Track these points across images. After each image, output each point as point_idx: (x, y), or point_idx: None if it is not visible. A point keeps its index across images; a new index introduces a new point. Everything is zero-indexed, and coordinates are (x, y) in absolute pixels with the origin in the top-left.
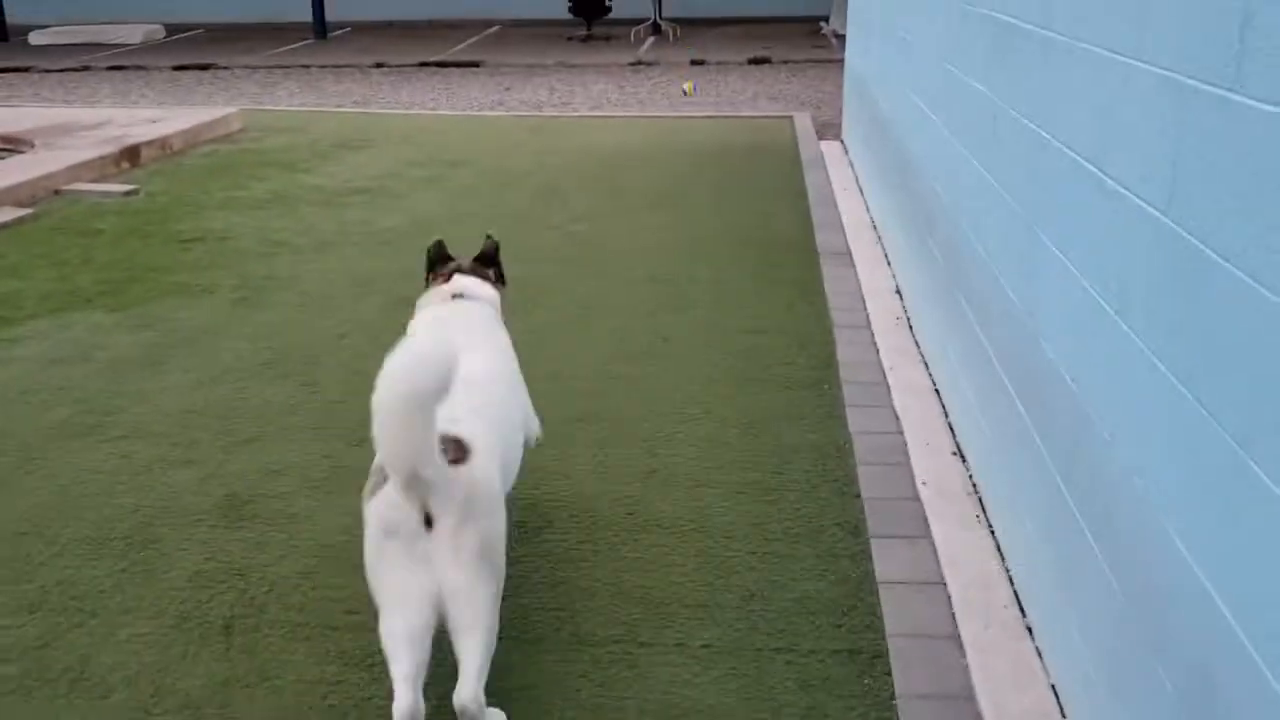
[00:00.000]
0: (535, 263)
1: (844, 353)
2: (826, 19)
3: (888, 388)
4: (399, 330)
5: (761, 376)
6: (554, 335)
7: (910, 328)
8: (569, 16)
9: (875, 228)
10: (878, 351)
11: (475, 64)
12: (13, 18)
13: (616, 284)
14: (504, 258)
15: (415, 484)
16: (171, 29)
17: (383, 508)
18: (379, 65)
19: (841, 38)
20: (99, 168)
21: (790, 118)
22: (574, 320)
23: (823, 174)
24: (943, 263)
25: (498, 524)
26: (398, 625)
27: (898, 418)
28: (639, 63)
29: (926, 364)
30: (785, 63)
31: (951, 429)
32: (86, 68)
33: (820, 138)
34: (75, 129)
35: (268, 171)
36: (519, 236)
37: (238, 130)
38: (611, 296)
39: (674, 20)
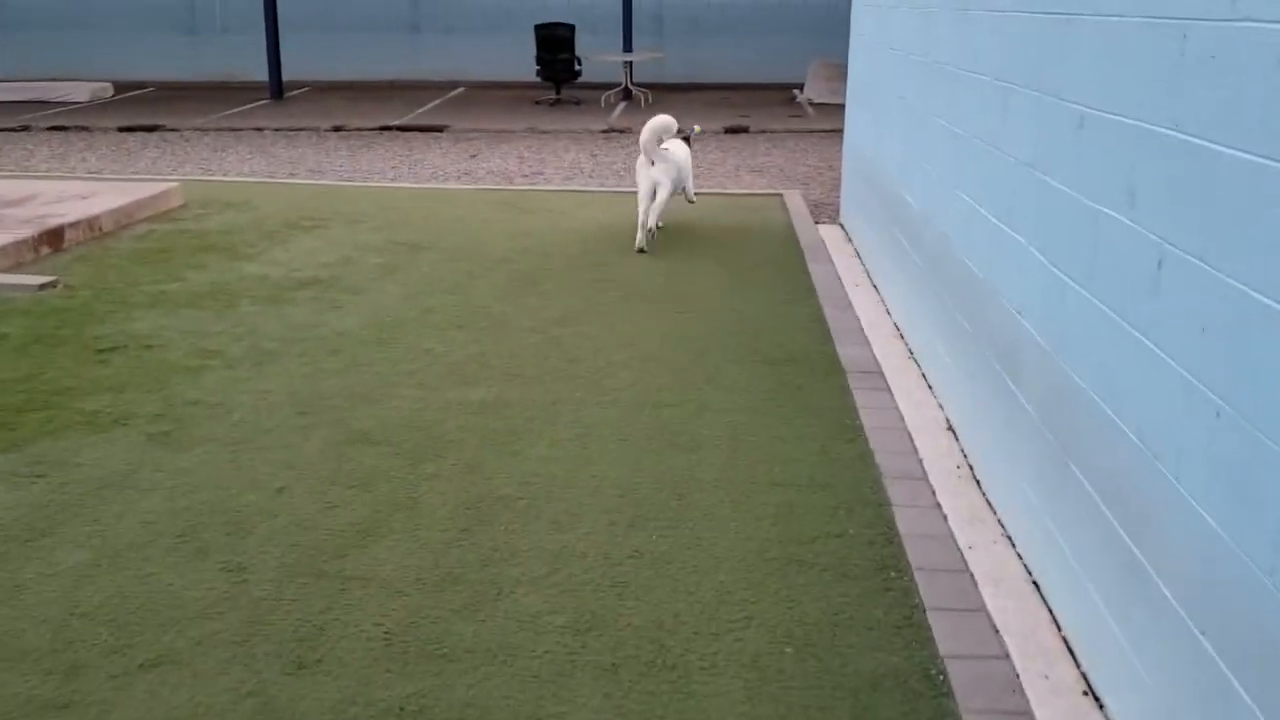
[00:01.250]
0: (517, 381)
1: (904, 520)
2: (801, 87)
3: (972, 578)
4: (349, 483)
5: (808, 557)
6: (548, 493)
7: (977, 482)
8: (537, 80)
9: (902, 337)
10: (945, 519)
11: (439, 128)
12: None
13: (614, 412)
14: (478, 373)
15: (649, 151)
16: (121, 87)
17: (640, 159)
18: (337, 129)
19: (818, 106)
20: (14, 254)
21: (780, 195)
22: (570, 468)
23: (828, 266)
24: (1043, 423)
25: (674, 173)
26: (641, 197)
27: (996, 630)
28: (611, 130)
29: (1012, 541)
30: (763, 132)
31: (1070, 649)
32: (26, 128)
33: (815, 219)
34: (15, 202)
35: (207, 258)
36: (493, 343)
37: (178, 206)
38: (610, 429)
39: (645, 86)
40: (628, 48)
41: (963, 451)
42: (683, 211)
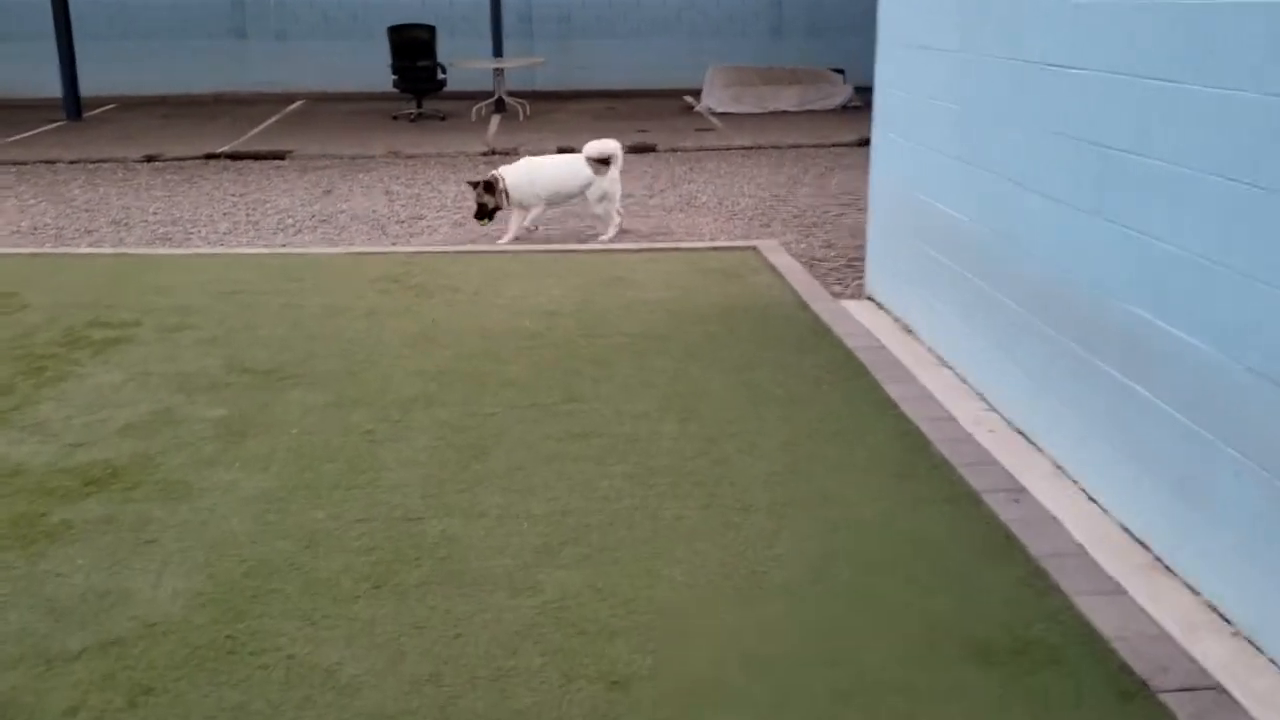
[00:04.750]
0: None
1: None
2: (694, 94)
3: None
4: None
5: None
6: None
7: None
8: (391, 90)
9: (1169, 568)
10: None
11: (279, 155)
12: None
13: None
14: None
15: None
16: None
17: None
18: (150, 159)
19: (722, 117)
20: None
21: (754, 248)
22: None
23: (912, 386)
24: None
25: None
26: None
27: None
28: (493, 152)
29: None
30: (674, 151)
31: None
32: None
33: (822, 284)
34: None
35: None
36: (449, 638)
37: None
38: None
39: (518, 95)
40: (498, 52)
41: None
42: (628, 278)
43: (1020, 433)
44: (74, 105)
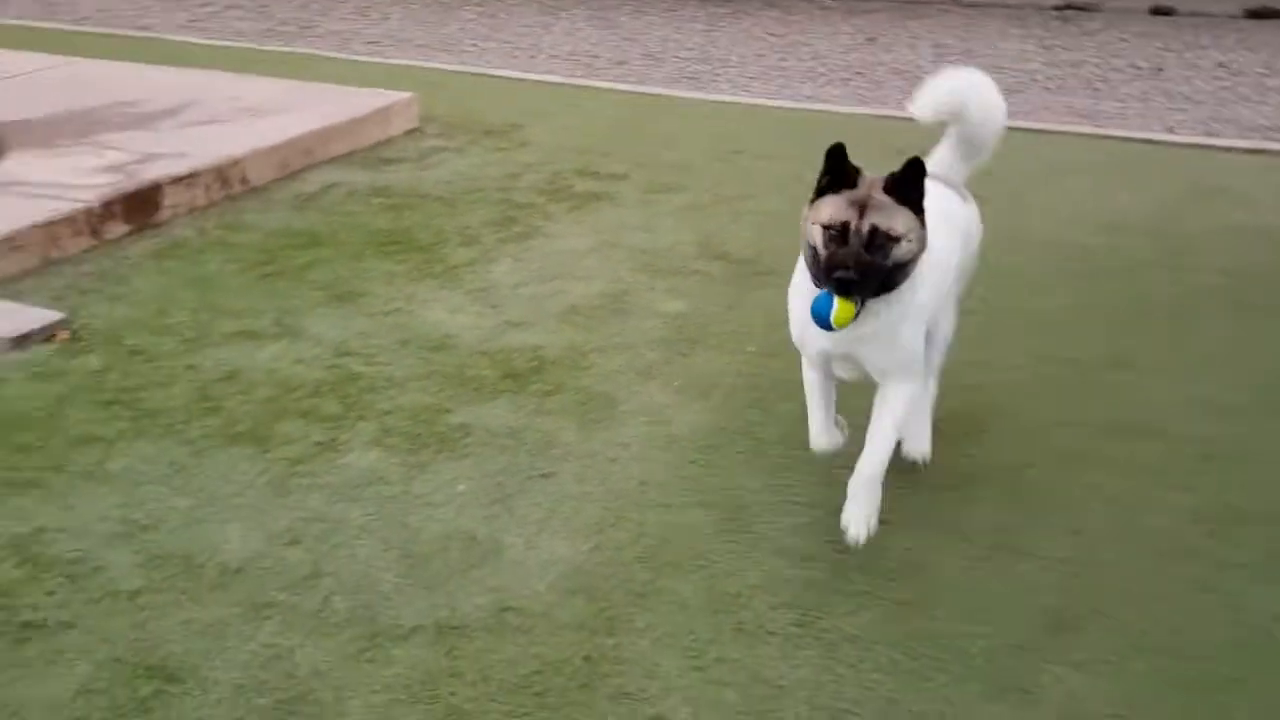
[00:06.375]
0: None
1: None
2: None
3: None
4: None
5: None
6: None
7: None
8: None
9: None
10: None
11: None
12: None
13: None
14: None
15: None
16: None
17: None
18: None
19: None
20: (43, 242)
21: None
22: None
23: None
24: None
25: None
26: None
27: None
28: (1068, 5)
29: None
30: None
31: None
32: None
33: None
34: (98, 115)
35: (373, 273)
36: None
37: (406, 132)
38: None
39: None
40: None
41: None
42: (1263, 203)
43: None
44: None
